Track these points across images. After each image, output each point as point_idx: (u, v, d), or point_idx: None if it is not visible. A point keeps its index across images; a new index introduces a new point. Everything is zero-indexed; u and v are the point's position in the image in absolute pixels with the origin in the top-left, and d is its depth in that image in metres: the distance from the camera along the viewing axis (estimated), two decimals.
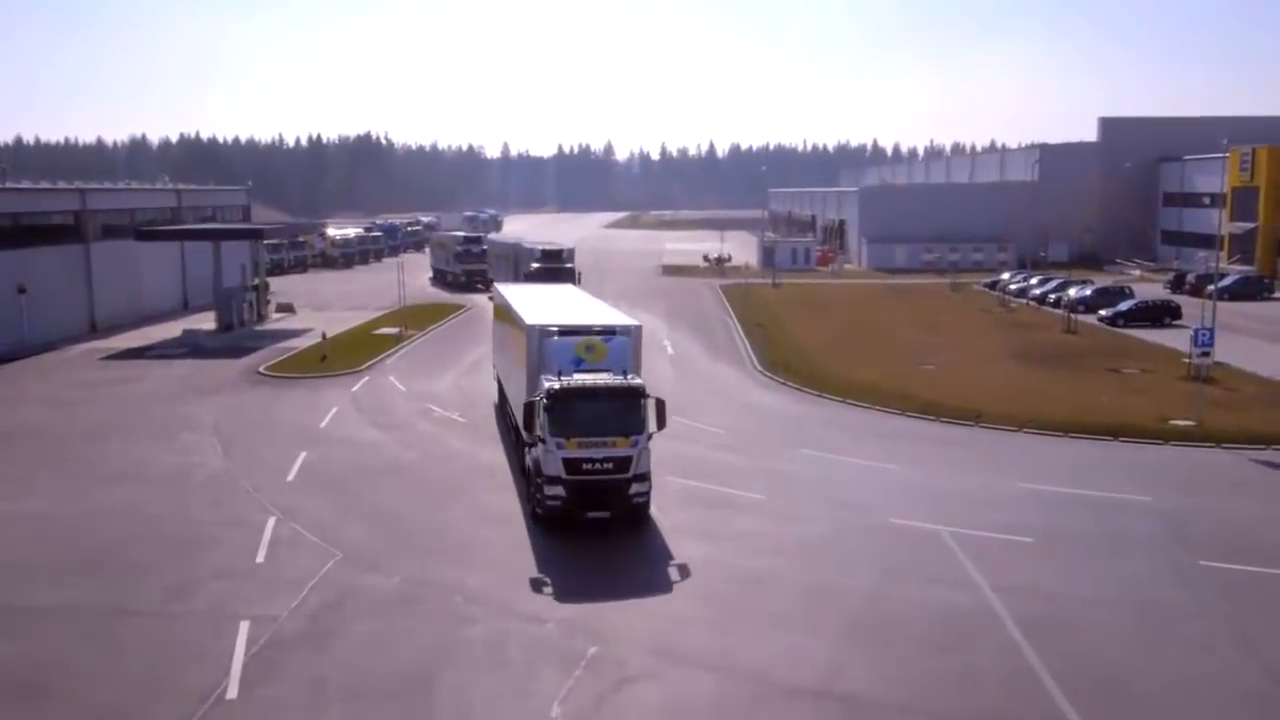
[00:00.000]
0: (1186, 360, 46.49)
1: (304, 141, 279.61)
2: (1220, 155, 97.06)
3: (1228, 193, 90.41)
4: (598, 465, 25.00)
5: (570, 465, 24.99)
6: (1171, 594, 22.15)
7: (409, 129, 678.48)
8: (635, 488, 25.36)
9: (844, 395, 42.66)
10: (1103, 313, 64.43)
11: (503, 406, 37.08)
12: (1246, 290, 75.13)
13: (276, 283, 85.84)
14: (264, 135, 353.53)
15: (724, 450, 33.60)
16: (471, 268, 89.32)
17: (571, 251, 69.74)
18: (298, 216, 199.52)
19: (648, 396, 25.31)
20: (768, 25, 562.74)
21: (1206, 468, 32.41)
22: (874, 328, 63.11)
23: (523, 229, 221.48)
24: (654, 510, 26.68)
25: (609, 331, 27.26)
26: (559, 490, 25.07)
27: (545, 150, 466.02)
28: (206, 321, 63.68)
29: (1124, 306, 64.02)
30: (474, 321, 67.24)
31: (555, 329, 27.05)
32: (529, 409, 25.49)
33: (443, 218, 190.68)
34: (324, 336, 53.45)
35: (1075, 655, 19.20)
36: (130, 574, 23.59)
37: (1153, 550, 24.66)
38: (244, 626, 20.54)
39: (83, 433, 37.18)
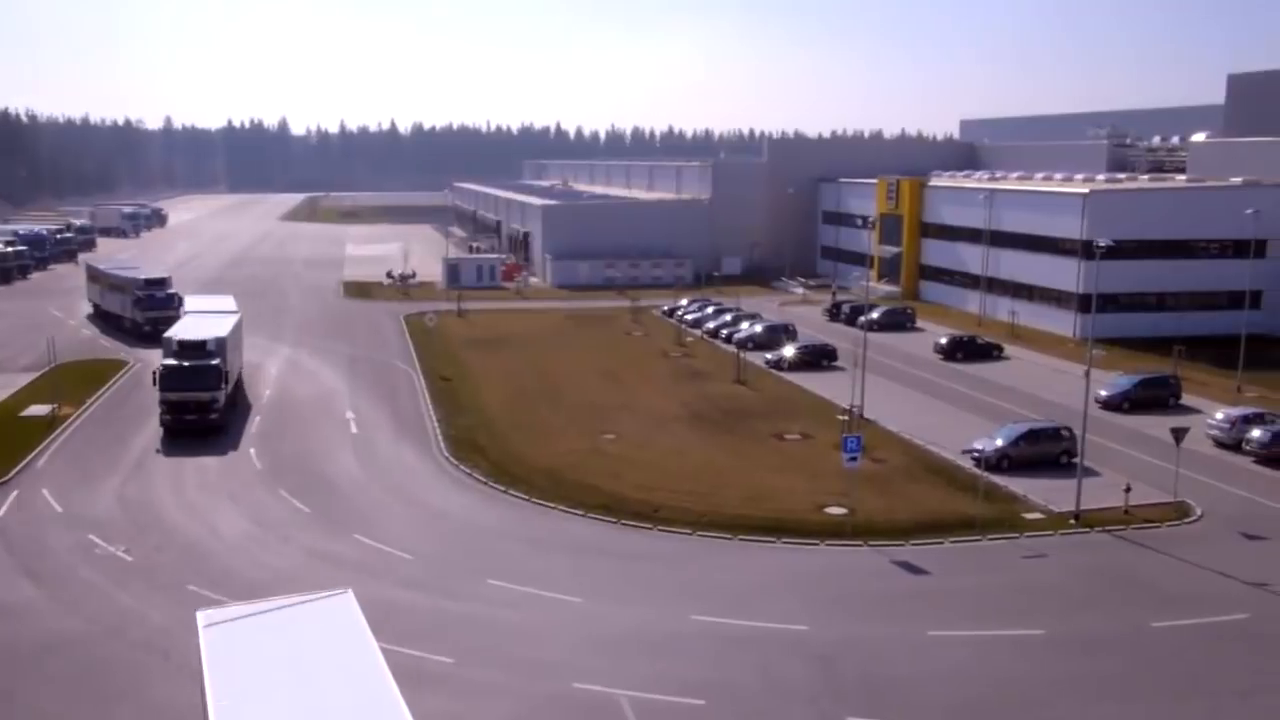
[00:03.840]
0: (842, 418, 51.40)
1: None
2: (870, 181, 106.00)
3: (877, 218, 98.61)
4: None
5: None
6: None
7: (54, 101, 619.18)
8: None
9: (529, 491, 43.55)
10: (768, 357, 68.86)
11: None
12: (893, 321, 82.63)
13: None
14: None
15: (411, 588, 33.49)
16: (158, 315, 73.61)
17: (220, 340, 54.36)
18: None
19: None
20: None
21: (856, 575, 35.66)
22: (557, 378, 64.55)
23: (192, 221, 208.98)
24: None
25: None
26: None
27: (213, 122, 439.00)
28: None
29: (787, 352, 68.68)
30: (141, 382, 62.85)
31: None
32: None
33: (98, 213, 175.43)
34: None
35: None
36: None
37: (807, 705, 26.99)
38: None
39: None
